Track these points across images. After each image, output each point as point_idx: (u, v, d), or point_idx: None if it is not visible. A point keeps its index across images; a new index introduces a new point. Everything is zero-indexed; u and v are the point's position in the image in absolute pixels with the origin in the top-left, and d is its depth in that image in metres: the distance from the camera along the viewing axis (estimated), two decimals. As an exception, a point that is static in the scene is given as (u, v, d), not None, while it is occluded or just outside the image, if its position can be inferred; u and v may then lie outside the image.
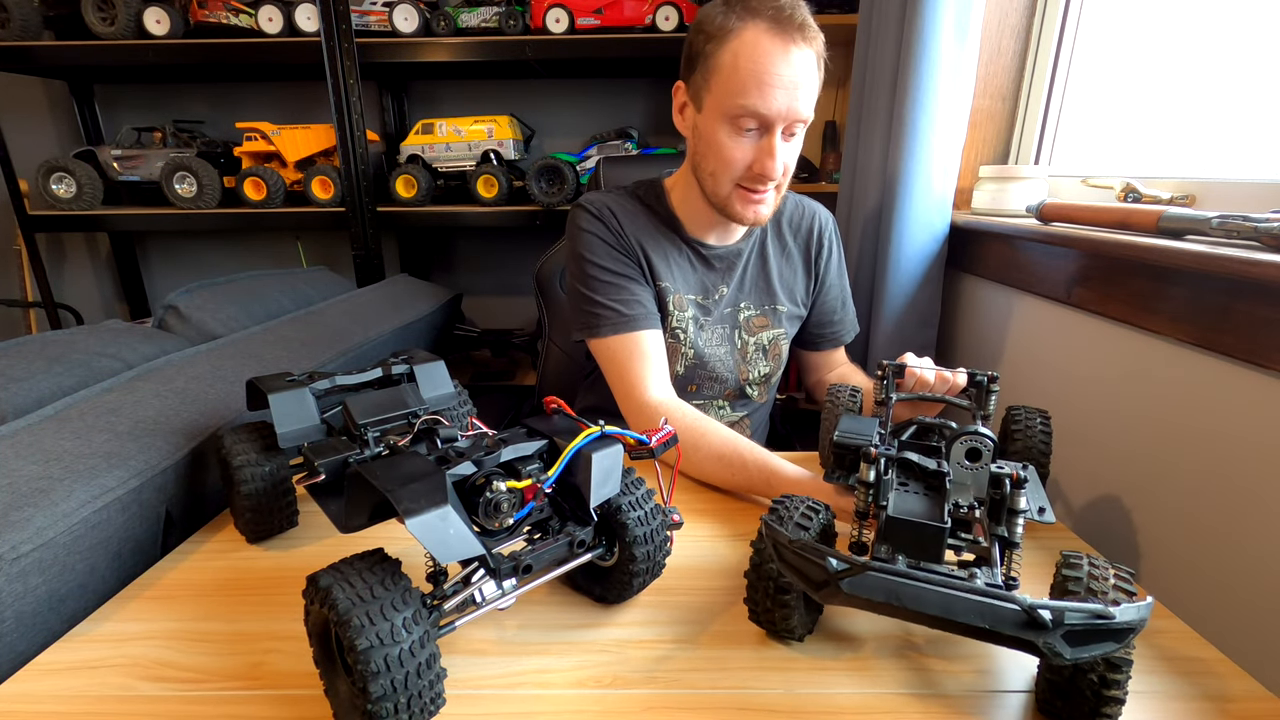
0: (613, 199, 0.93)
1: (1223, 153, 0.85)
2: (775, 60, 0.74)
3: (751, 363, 0.97)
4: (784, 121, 0.77)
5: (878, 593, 0.40)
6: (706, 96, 0.80)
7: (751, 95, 0.75)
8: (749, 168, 0.80)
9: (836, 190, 1.55)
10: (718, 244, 0.93)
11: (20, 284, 2.05)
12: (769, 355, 0.98)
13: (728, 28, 0.76)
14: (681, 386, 0.96)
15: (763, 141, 0.79)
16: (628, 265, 0.89)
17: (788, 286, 0.98)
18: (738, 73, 0.75)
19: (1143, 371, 0.75)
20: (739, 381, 0.98)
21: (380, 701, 0.37)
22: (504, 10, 1.63)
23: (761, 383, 1.00)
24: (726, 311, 0.95)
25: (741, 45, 0.75)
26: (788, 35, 0.74)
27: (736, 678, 0.47)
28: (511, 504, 0.46)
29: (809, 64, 0.77)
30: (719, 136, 0.79)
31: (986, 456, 0.51)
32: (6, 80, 1.89)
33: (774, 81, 0.74)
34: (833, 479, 0.76)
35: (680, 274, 0.92)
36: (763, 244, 0.97)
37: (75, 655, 0.50)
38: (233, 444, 0.63)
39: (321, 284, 1.39)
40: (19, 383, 0.73)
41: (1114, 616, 0.36)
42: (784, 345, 0.99)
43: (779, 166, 0.80)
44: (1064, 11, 1.05)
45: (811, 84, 0.78)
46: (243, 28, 1.66)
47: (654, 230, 0.92)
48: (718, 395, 0.99)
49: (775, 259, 0.97)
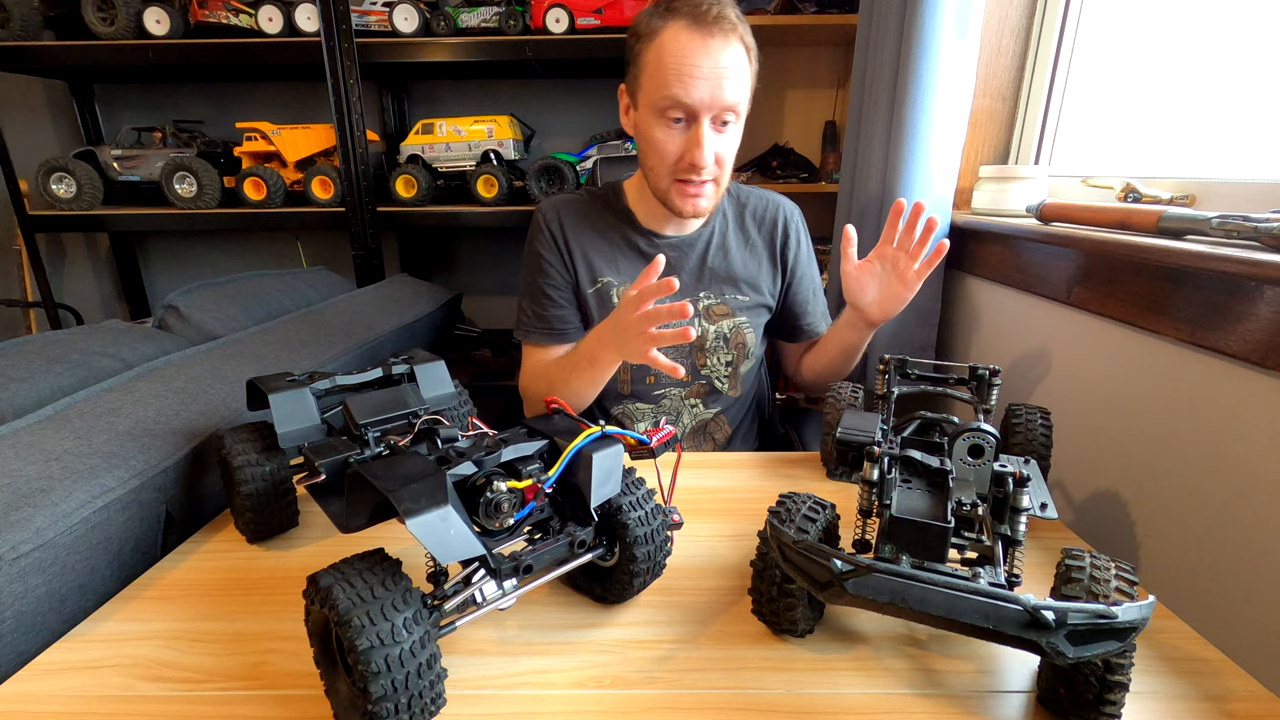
0: (568, 202, 1.00)
1: (1223, 153, 0.85)
2: (695, 53, 0.79)
3: (711, 351, 0.98)
4: (709, 111, 0.82)
5: (882, 593, 0.40)
6: (640, 94, 0.86)
7: (674, 87, 0.80)
8: (680, 159, 0.85)
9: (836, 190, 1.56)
10: (673, 234, 0.98)
11: (20, 284, 2.05)
12: (730, 344, 0.99)
13: (652, 27, 0.82)
14: (639, 379, 0.99)
15: (691, 132, 0.83)
16: (557, 278, 0.97)
17: (751, 277, 1.00)
18: (662, 67, 0.81)
19: (1143, 371, 0.75)
20: (696, 368, 0.99)
21: (381, 702, 0.37)
22: (504, 10, 1.63)
23: (729, 375, 1.00)
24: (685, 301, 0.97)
25: (664, 42, 0.81)
26: (706, 29, 0.79)
27: (737, 678, 0.47)
28: (512, 504, 0.46)
29: (730, 55, 0.81)
30: (652, 131, 0.85)
31: (989, 453, 0.51)
32: (6, 80, 1.89)
33: (694, 73, 0.79)
34: (836, 476, 0.77)
35: (629, 266, 0.97)
36: (724, 234, 1.00)
37: (75, 655, 0.50)
38: (233, 444, 0.63)
39: (321, 284, 1.39)
40: (19, 383, 0.73)
41: (1116, 616, 0.36)
42: (748, 334, 0.99)
43: (708, 156, 0.84)
44: (1064, 11, 1.05)
45: (736, 74, 0.82)
46: (243, 28, 1.66)
47: (605, 228, 0.98)
48: (676, 384, 0.99)
49: (737, 249, 1.00)
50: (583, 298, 0.98)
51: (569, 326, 0.98)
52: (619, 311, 0.76)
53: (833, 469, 0.78)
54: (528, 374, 1.01)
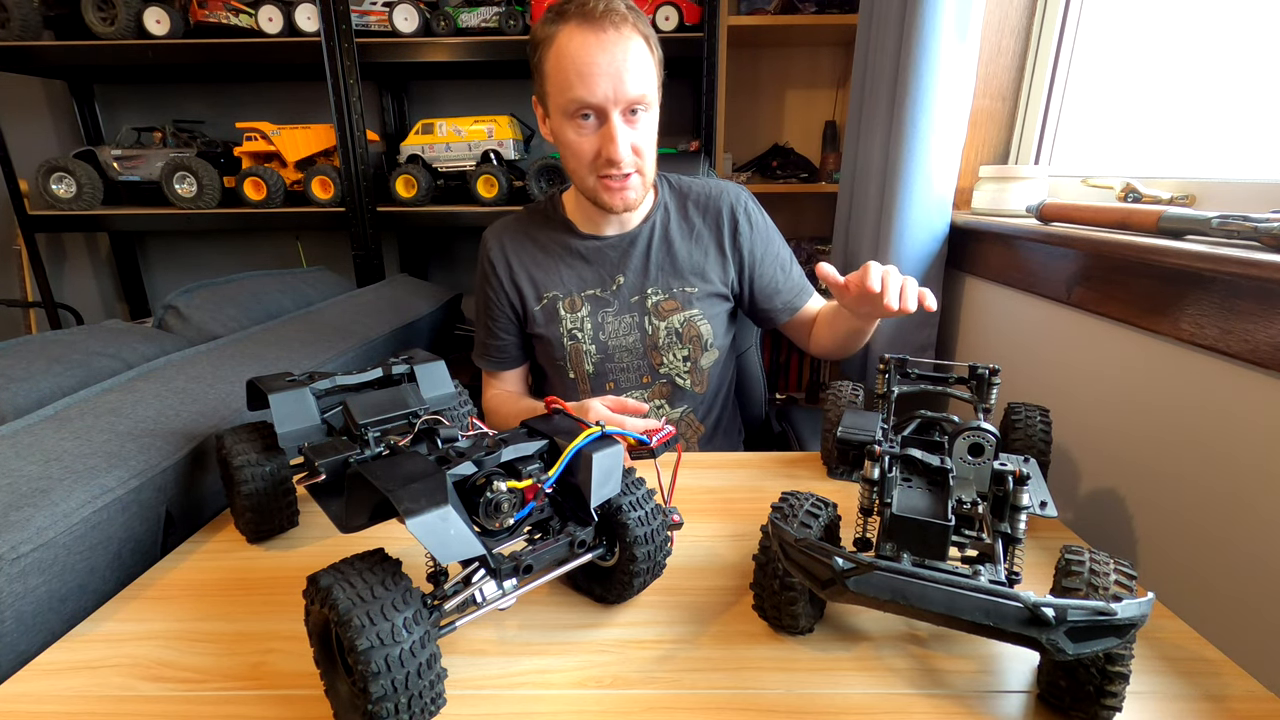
0: (507, 225, 1.02)
1: (1223, 153, 0.85)
2: (590, 50, 0.79)
3: (665, 348, 0.98)
4: (616, 105, 0.82)
5: (884, 591, 0.40)
6: (549, 101, 0.86)
7: (577, 88, 0.81)
8: (597, 156, 0.85)
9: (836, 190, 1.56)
10: (612, 234, 0.98)
11: (20, 284, 2.05)
12: (684, 338, 0.98)
13: (546, 34, 0.83)
14: (599, 386, 0.99)
15: (603, 129, 0.84)
16: (497, 312, 1.00)
17: (698, 268, 0.98)
18: (562, 71, 0.81)
19: (1142, 371, 0.75)
20: (653, 368, 0.98)
21: (381, 702, 0.37)
22: (504, 10, 1.63)
23: (689, 370, 0.99)
24: (634, 300, 0.97)
25: (560, 46, 0.81)
26: (596, 25, 0.80)
27: (737, 678, 0.47)
28: (512, 504, 0.46)
29: (626, 47, 0.81)
30: (566, 134, 0.86)
31: (989, 452, 0.51)
32: (6, 80, 1.89)
33: (594, 70, 0.80)
34: (836, 475, 0.77)
35: (572, 274, 0.98)
36: (665, 227, 0.99)
37: (75, 655, 0.50)
38: (233, 444, 0.63)
39: (321, 284, 1.39)
40: (19, 383, 0.73)
41: (1116, 613, 0.36)
42: (701, 326, 0.98)
43: (623, 149, 0.84)
44: (1064, 11, 1.05)
45: (636, 65, 0.82)
46: (243, 28, 1.66)
47: (545, 242, 0.99)
48: (636, 385, 0.99)
49: (681, 241, 0.99)
50: (530, 315, 0.98)
51: (508, 356, 1.03)
52: (586, 410, 0.79)
53: (833, 468, 0.78)
54: (486, 395, 1.07)
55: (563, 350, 0.97)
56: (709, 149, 1.64)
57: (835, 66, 1.94)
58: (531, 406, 0.98)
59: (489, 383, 1.07)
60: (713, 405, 1.04)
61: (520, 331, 1.02)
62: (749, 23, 1.67)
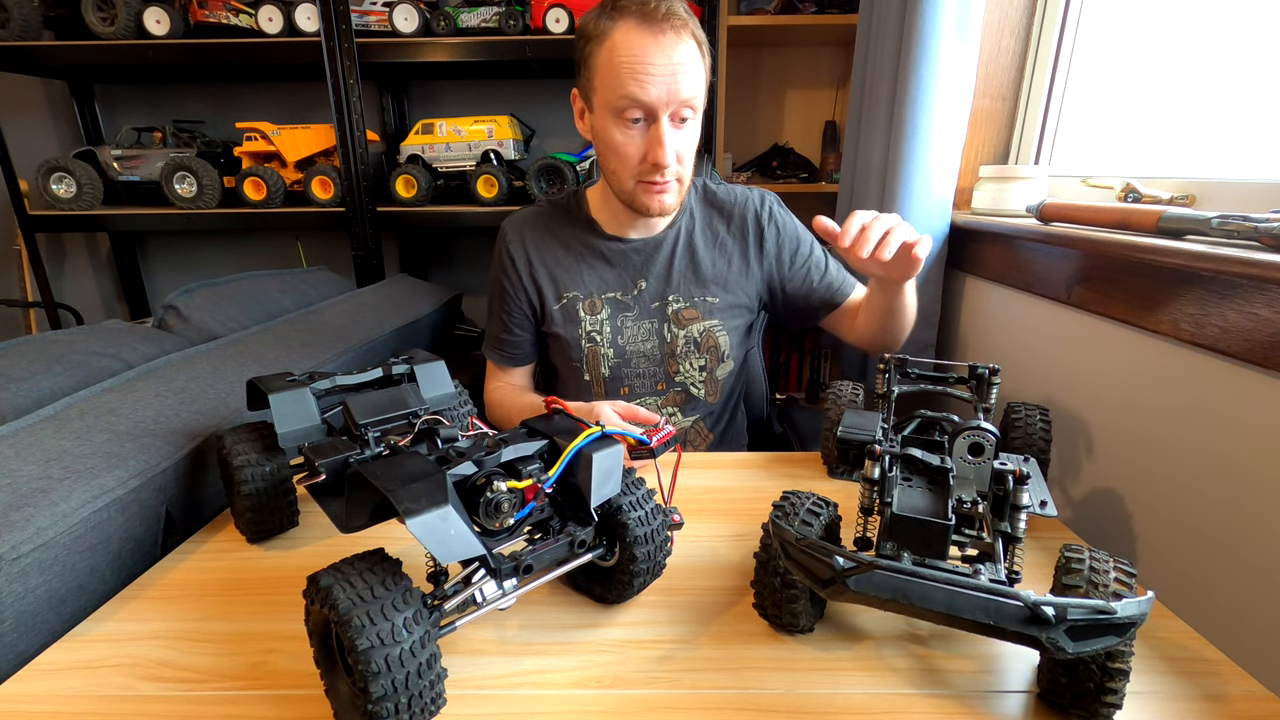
0: (529, 218, 1.00)
1: (1223, 153, 0.85)
2: (647, 50, 0.78)
3: (682, 357, 0.97)
4: (667, 107, 0.81)
5: (884, 590, 0.40)
6: (594, 97, 0.84)
7: (629, 85, 0.79)
8: (643, 159, 0.84)
9: (836, 190, 1.56)
10: (637, 237, 0.96)
11: (20, 284, 2.05)
12: (701, 348, 0.97)
13: (601, 29, 0.81)
14: (613, 390, 0.98)
15: (651, 131, 0.82)
16: (513, 306, 0.98)
17: (720, 278, 0.98)
18: (614, 68, 0.79)
19: (1142, 371, 0.75)
20: (669, 375, 0.98)
21: (381, 702, 0.37)
22: (504, 10, 1.63)
23: (704, 380, 0.98)
24: (654, 306, 0.96)
25: (614, 42, 0.79)
26: (655, 26, 0.78)
27: (738, 678, 0.47)
28: (512, 504, 0.46)
29: (683, 50, 0.80)
30: (611, 133, 0.84)
31: (989, 451, 0.51)
32: (6, 80, 1.89)
33: (648, 70, 0.78)
34: (837, 475, 0.77)
35: (594, 275, 0.96)
36: (690, 235, 0.98)
37: (75, 655, 0.50)
38: (233, 444, 0.63)
39: (321, 284, 1.39)
40: (19, 383, 0.73)
41: (1116, 612, 0.36)
42: (720, 338, 0.97)
43: (670, 154, 0.83)
44: (1064, 11, 1.05)
45: (690, 69, 0.81)
46: (243, 28, 1.66)
47: (567, 239, 0.97)
48: (651, 392, 0.98)
49: (705, 250, 0.98)
50: (548, 314, 0.97)
51: (522, 351, 1.02)
52: (595, 411, 0.77)
53: (834, 468, 0.78)
54: (489, 386, 1.04)
55: (580, 352, 0.96)
56: (709, 149, 1.64)
57: (835, 66, 1.94)
58: (533, 403, 0.96)
59: (494, 374, 1.05)
60: (722, 415, 1.04)
61: (535, 329, 1.00)
62: (749, 22, 1.67)
